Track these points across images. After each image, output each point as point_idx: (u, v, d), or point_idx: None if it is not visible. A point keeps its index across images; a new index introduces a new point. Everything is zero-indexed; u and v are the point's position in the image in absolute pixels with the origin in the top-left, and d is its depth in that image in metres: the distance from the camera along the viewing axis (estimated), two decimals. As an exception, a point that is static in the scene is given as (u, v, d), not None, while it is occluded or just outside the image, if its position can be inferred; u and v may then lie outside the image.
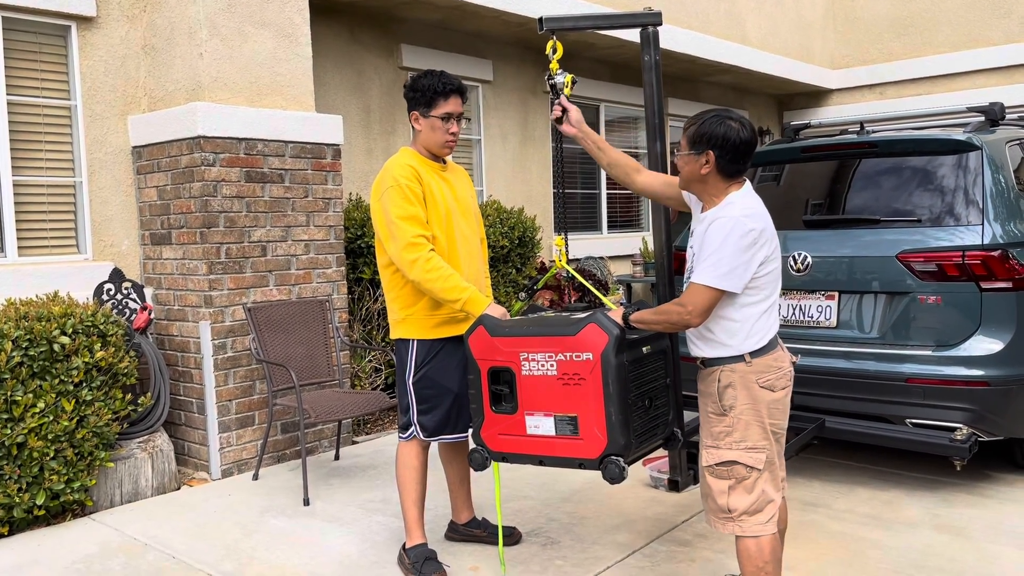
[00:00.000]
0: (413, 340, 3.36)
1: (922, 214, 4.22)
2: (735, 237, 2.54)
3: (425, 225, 3.25)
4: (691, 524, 3.89)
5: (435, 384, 3.35)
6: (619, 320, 2.82)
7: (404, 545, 3.47)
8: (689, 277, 2.70)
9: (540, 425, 2.94)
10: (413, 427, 3.40)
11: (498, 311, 3.14)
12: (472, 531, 3.74)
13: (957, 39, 11.21)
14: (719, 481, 2.70)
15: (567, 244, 3.56)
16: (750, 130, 2.63)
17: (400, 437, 3.46)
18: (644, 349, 2.96)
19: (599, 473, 3.99)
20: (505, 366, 2.99)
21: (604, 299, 3.64)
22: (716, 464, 2.70)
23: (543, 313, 3.31)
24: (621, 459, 2.80)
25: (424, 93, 3.32)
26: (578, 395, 2.84)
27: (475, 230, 3.51)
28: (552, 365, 2.89)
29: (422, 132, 3.37)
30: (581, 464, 2.88)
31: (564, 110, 3.26)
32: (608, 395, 2.79)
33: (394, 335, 3.42)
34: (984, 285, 3.97)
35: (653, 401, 3.01)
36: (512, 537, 3.73)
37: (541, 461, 2.97)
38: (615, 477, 2.80)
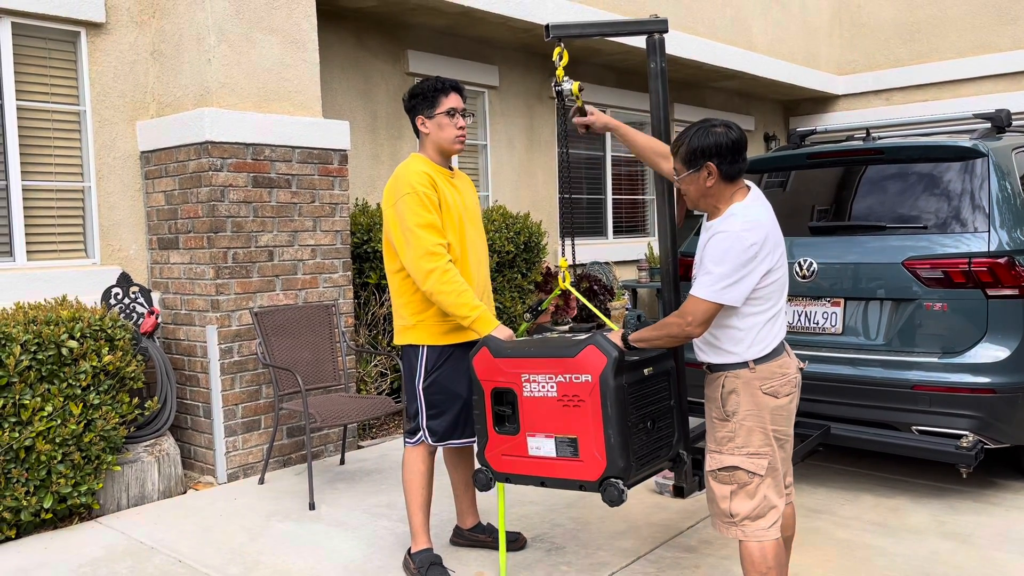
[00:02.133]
0: (423, 346, 3.36)
1: (928, 221, 4.22)
2: (735, 252, 2.55)
3: (442, 233, 3.25)
4: (697, 530, 3.89)
5: (445, 389, 3.36)
6: (618, 342, 2.82)
7: (409, 550, 3.48)
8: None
9: (542, 446, 2.96)
10: (421, 432, 3.40)
11: (504, 333, 3.15)
12: (477, 536, 3.75)
13: (964, 45, 11.20)
14: (721, 486, 2.71)
15: (574, 259, 3.59)
16: (736, 129, 2.67)
17: (407, 442, 3.47)
18: (646, 371, 2.96)
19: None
20: (507, 387, 3.01)
21: (607, 320, 3.66)
22: (719, 469, 2.71)
23: (548, 334, 3.32)
24: (621, 482, 2.81)
25: (424, 95, 3.36)
26: (578, 417, 2.85)
27: (482, 237, 3.53)
28: (552, 386, 2.90)
29: (431, 134, 3.38)
30: (581, 486, 2.90)
31: (589, 127, 3.34)
32: (607, 417, 2.80)
33: (402, 341, 3.42)
34: (990, 292, 3.97)
35: (656, 423, 3.01)
36: (517, 543, 3.74)
37: (543, 482, 2.99)
38: (614, 500, 2.81)
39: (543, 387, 2.92)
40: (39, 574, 3.62)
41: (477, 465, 3.15)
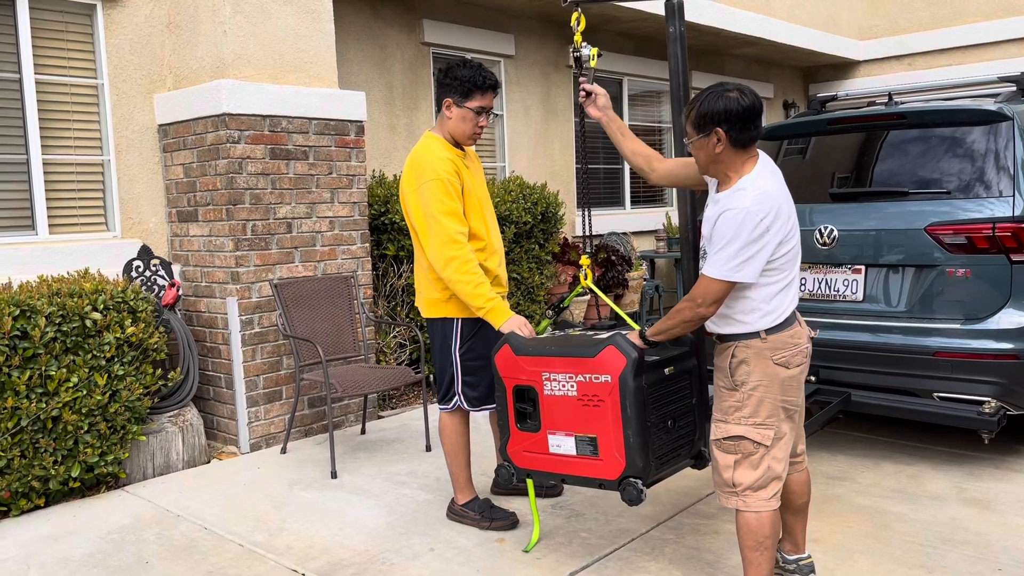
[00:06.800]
0: (458, 319, 3.44)
1: (951, 186, 4.16)
2: (747, 230, 2.50)
3: (463, 221, 3.31)
4: (716, 497, 3.90)
5: (481, 356, 3.46)
6: (637, 340, 2.81)
7: (454, 502, 3.64)
8: (702, 262, 2.69)
9: (562, 444, 2.99)
10: (457, 398, 3.53)
11: (517, 323, 3.20)
12: (518, 485, 3.87)
13: (988, 8, 10.96)
14: (726, 455, 2.70)
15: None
16: (751, 95, 2.59)
17: (442, 408, 3.58)
18: (666, 370, 2.96)
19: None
20: (529, 385, 3.03)
21: (627, 318, 3.67)
22: (724, 438, 2.70)
23: (569, 331, 3.34)
24: (640, 481, 2.82)
25: (462, 83, 3.35)
26: (597, 417, 2.87)
27: (494, 213, 3.62)
28: (572, 386, 2.92)
29: (452, 120, 3.41)
30: (601, 484, 2.93)
31: (591, 93, 3.27)
32: (626, 418, 2.81)
33: (434, 314, 3.48)
34: (1014, 257, 3.92)
35: (677, 422, 3.01)
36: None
37: (564, 479, 3.03)
38: (633, 500, 2.83)
39: (563, 386, 2.94)
40: (69, 541, 3.69)
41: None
